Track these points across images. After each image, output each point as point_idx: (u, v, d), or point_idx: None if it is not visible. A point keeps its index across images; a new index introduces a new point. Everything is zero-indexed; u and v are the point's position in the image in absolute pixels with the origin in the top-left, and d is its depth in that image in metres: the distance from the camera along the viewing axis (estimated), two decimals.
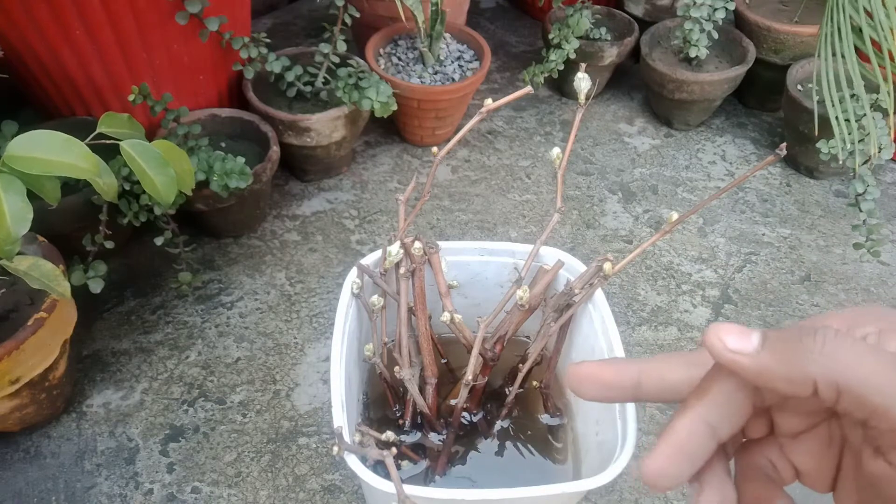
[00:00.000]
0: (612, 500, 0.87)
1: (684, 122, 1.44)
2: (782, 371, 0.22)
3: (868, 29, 0.94)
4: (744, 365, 0.22)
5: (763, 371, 0.22)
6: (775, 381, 0.22)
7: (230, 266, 1.12)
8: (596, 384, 0.27)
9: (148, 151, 0.74)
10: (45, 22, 0.93)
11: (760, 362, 0.22)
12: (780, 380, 0.22)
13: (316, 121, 1.12)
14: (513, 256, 0.76)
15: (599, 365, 0.27)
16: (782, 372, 0.22)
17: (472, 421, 0.77)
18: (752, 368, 0.22)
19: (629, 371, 0.26)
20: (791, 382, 0.21)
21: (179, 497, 0.85)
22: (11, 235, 0.63)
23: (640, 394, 0.26)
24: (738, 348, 0.22)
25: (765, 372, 0.22)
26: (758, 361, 0.22)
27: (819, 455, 0.25)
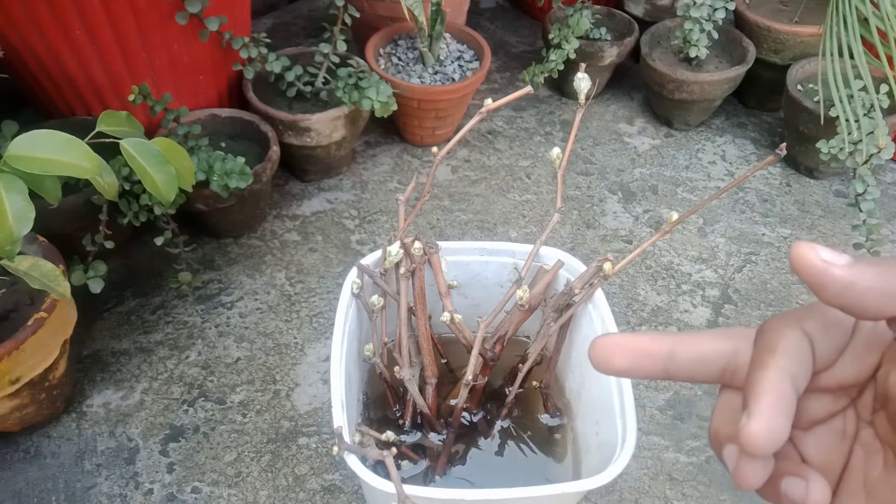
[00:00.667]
0: (612, 500, 0.87)
1: (684, 122, 1.44)
2: (875, 283, 0.21)
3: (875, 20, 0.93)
4: (836, 275, 0.21)
5: (856, 282, 0.21)
6: (867, 294, 0.21)
7: (230, 266, 1.12)
8: (628, 352, 0.25)
9: (148, 149, 0.74)
10: (45, 22, 0.93)
11: (854, 272, 0.21)
12: (872, 292, 0.21)
13: (316, 121, 1.12)
14: (513, 256, 0.77)
15: (630, 334, 0.26)
16: (875, 283, 0.21)
17: (472, 421, 0.77)
18: (844, 278, 0.21)
19: (663, 339, 0.25)
20: (883, 295, 0.21)
21: (179, 497, 0.85)
22: (13, 235, 0.63)
23: (671, 365, 0.25)
24: (832, 259, 0.21)
25: (858, 282, 0.21)
26: (851, 272, 0.21)
27: (830, 449, 0.25)
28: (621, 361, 0.25)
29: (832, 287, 0.21)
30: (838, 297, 0.21)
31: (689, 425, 0.96)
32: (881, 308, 0.21)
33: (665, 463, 0.92)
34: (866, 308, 0.21)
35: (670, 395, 0.99)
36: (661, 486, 0.89)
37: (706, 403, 0.98)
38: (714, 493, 0.89)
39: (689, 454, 0.93)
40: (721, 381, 0.25)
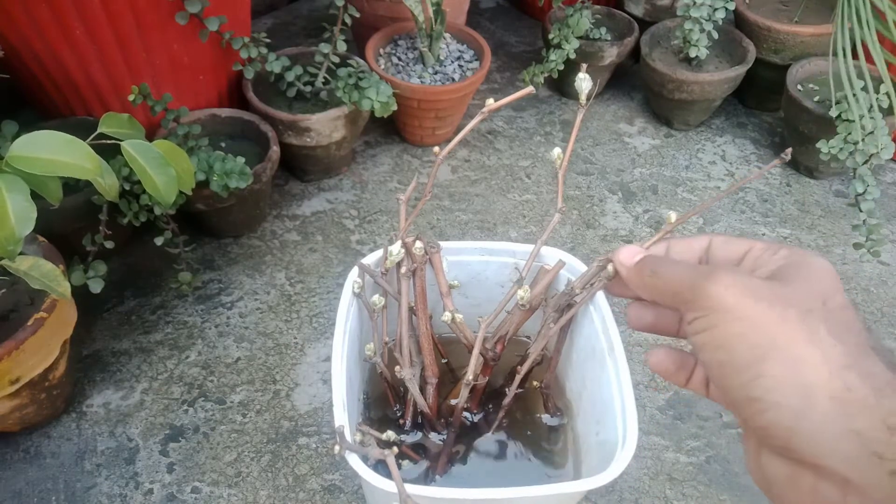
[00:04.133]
0: (612, 500, 0.87)
1: (684, 122, 1.44)
2: (634, 282, 0.37)
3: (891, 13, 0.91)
4: (620, 272, 0.38)
5: (628, 280, 0.37)
6: (632, 286, 0.37)
7: (230, 266, 1.12)
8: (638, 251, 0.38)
9: (149, 151, 0.74)
10: (45, 22, 0.93)
11: (627, 273, 0.37)
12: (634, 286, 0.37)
13: (316, 121, 1.13)
14: (513, 256, 0.77)
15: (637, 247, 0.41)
16: (633, 283, 0.37)
17: (473, 421, 0.77)
18: (623, 274, 0.38)
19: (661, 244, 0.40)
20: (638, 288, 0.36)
21: (179, 497, 0.85)
22: (15, 235, 0.63)
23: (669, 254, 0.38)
24: (621, 261, 0.38)
25: (628, 281, 0.37)
26: (626, 272, 0.37)
27: None
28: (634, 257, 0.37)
29: (620, 276, 0.39)
30: (626, 284, 0.38)
31: (689, 425, 0.96)
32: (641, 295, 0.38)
33: (665, 463, 0.92)
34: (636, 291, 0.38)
35: (670, 395, 0.99)
36: (661, 486, 0.89)
37: (706, 403, 0.98)
38: (714, 493, 0.89)
39: (689, 454, 0.93)
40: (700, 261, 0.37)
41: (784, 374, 0.26)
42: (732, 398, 0.29)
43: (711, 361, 0.29)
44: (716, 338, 0.28)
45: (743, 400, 0.28)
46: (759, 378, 0.27)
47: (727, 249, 0.34)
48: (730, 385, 0.28)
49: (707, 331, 0.28)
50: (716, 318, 0.28)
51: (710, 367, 0.29)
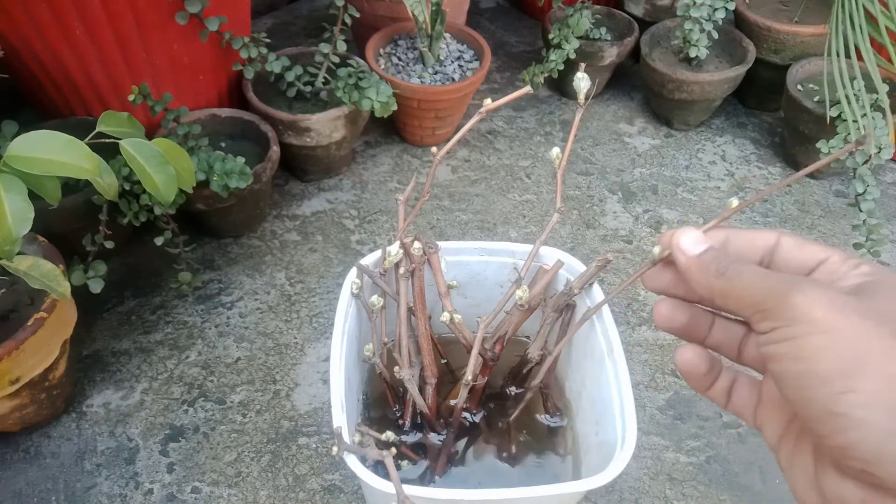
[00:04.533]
0: (612, 500, 0.87)
1: (684, 122, 1.44)
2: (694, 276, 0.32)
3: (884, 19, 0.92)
4: (678, 259, 0.32)
5: (686, 271, 0.32)
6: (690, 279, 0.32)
7: (230, 266, 1.12)
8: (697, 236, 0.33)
9: (148, 150, 0.74)
10: (45, 22, 0.93)
11: (689, 264, 0.32)
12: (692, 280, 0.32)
13: (316, 121, 1.13)
14: (512, 256, 0.77)
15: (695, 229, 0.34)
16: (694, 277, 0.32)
17: (473, 421, 0.77)
18: (681, 264, 0.32)
19: (719, 231, 0.34)
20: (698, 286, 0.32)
21: (179, 497, 0.85)
22: (12, 235, 0.63)
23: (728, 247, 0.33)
24: (685, 248, 0.32)
25: (686, 271, 0.32)
26: (686, 262, 0.32)
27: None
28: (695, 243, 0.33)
29: (677, 264, 0.33)
30: (682, 273, 0.32)
31: (689, 425, 0.96)
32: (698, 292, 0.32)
33: (665, 463, 0.92)
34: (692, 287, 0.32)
35: (670, 395, 0.99)
36: (661, 486, 0.89)
37: (706, 403, 0.98)
38: (714, 493, 0.89)
39: (689, 454, 0.93)
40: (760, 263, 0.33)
41: (876, 390, 0.25)
42: (809, 413, 0.27)
43: (788, 373, 0.27)
44: (798, 349, 0.26)
45: (823, 415, 0.26)
46: (847, 393, 0.25)
47: (799, 255, 0.32)
48: (809, 398, 0.26)
49: (788, 341, 0.27)
50: (799, 329, 0.26)
51: (786, 378, 0.27)
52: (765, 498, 0.89)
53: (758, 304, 0.28)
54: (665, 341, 1.06)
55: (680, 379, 1.01)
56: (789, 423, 0.31)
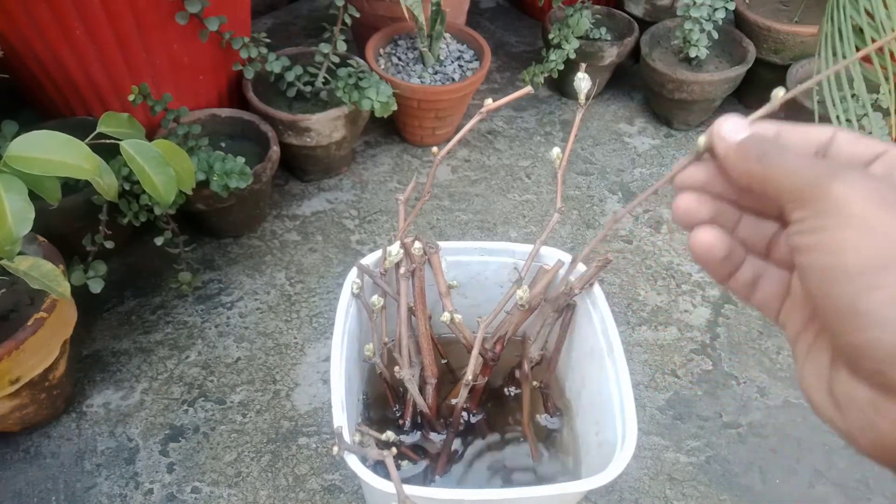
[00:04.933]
0: (612, 500, 0.87)
1: (684, 122, 1.44)
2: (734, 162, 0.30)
3: (869, 30, 0.94)
4: (718, 147, 0.31)
5: (725, 157, 0.30)
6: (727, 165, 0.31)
7: (230, 266, 1.12)
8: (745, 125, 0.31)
9: (148, 151, 0.74)
10: (45, 22, 0.93)
11: (728, 149, 0.30)
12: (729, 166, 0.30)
13: (316, 121, 1.13)
14: (513, 256, 0.77)
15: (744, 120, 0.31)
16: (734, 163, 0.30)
17: (472, 421, 0.77)
18: (720, 150, 0.31)
19: (770, 124, 0.32)
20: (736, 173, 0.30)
21: (179, 497, 0.85)
22: (13, 235, 0.63)
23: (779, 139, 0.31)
24: (726, 135, 0.30)
25: (726, 158, 0.30)
26: (726, 148, 0.30)
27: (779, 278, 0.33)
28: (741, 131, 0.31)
29: (716, 153, 0.31)
30: (720, 161, 0.31)
31: (689, 425, 0.96)
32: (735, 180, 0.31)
33: (665, 463, 0.92)
34: (729, 175, 0.31)
35: (670, 395, 0.99)
36: (661, 486, 0.89)
37: (706, 403, 0.98)
38: (714, 493, 0.89)
39: (689, 454, 0.93)
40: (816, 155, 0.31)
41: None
42: (831, 307, 0.26)
43: (814, 265, 0.26)
44: (829, 241, 0.26)
45: (844, 311, 0.25)
46: (872, 290, 0.25)
47: (856, 149, 0.30)
48: (833, 293, 0.26)
49: (819, 232, 0.26)
50: (834, 220, 0.25)
51: (812, 271, 0.26)
52: (765, 498, 0.89)
53: (796, 190, 0.27)
54: (665, 341, 1.06)
55: (680, 379, 1.01)
56: (811, 319, 0.31)
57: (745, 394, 1.00)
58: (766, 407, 0.99)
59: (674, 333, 1.07)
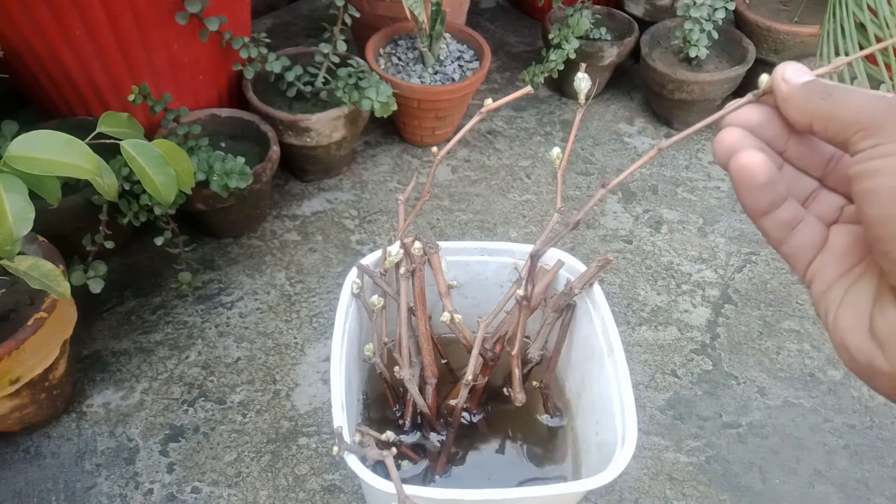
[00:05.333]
0: (612, 500, 0.87)
1: (684, 122, 1.44)
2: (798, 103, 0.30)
3: (872, 26, 0.93)
4: (780, 88, 0.30)
5: (788, 98, 0.30)
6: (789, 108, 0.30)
7: (230, 266, 1.12)
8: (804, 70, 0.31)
9: (148, 151, 0.74)
10: (45, 22, 0.93)
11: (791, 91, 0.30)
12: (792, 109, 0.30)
13: (316, 121, 1.13)
14: (513, 256, 0.77)
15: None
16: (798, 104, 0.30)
17: (473, 421, 0.77)
18: (782, 92, 0.30)
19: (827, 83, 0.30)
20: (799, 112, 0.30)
21: (179, 497, 0.85)
22: (13, 235, 0.63)
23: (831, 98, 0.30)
24: (788, 77, 0.30)
25: (789, 99, 0.30)
26: (789, 89, 0.30)
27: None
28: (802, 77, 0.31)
29: (777, 95, 0.31)
30: (780, 103, 0.31)
31: (689, 425, 0.96)
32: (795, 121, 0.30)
33: (665, 463, 0.92)
34: (788, 117, 0.30)
35: (670, 395, 0.99)
36: (661, 486, 0.89)
37: (706, 403, 0.98)
38: (714, 493, 0.89)
39: (689, 454, 0.93)
40: None
41: None
42: (892, 232, 0.26)
43: (882, 188, 0.26)
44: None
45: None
46: None
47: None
48: (893, 218, 0.26)
49: (890, 157, 0.26)
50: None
51: (878, 194, 0.26)
52: (765, 498, 0.89)
53: (864, 121, 0.27)
54: (665, 341, 1.06)
55: (680, 379, 1.01)
56: (847, 272, 0.30)
57: (745, 394, 1.00)
58: (766, 407, 0.99)
59: (674, 333, 1.07)
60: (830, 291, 0.30)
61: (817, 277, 0.31)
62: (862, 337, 0.28)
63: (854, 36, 0.96)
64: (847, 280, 0.30)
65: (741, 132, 0.31)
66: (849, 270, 0.30)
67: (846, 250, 0.31)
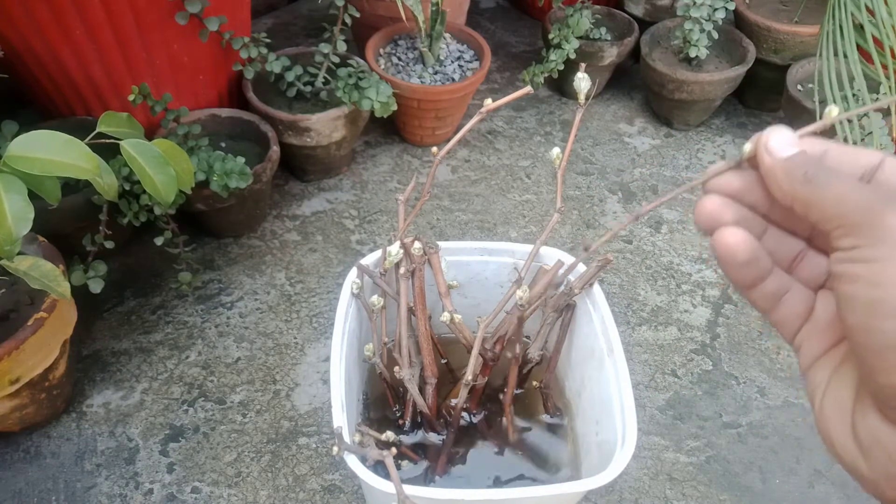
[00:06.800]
0: (612, 500, 0.87)
1: (684, 122, 1.44)
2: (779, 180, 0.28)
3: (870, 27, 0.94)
4: (763, 160, 0.29)
5: (769, 173, 0.29)
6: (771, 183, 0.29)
7: (230, 266, 1.12)
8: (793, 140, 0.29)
9: (148, 150, 0.74)
10: (45, 22, 0.93)
11: (774, 164, 0.28)
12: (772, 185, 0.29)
13: (316, 121, 1.13)
14: (513, 256, 0.77)
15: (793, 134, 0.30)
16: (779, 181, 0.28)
17: (472, 421, 0.77)
18: (765, 165, 0.29)
19: (817, 142, 0.30)
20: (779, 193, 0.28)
21: (179, 497, 0.85)
22: (13, 235, 0.63)
23: (825, 160, 0.29)
24: (772, 149, 0.29)
25: (769, 173, 0.29)
26: (773, 162, 0.28)
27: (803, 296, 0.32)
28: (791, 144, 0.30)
29: (760, 165, 0.29)
30: (763, 174, 0.29)
31: (689, 425, 0.96)
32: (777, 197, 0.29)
33: (665, 463, 0.92)
34: (771, 191, 0.29)
35: (670, 395, 0.99)
36: (661, 486, 0.89)
37: (706, 403, 0.98)
38: (714, 493, 0.89)
39: (689, 454, 0.93)
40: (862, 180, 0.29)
41: None
42: (870, 344, 0.25)
43: (859, 297, 0.25)
44: (878, 274, 0.24)
45: (884, 350, 0.24)
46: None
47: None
48: (874, 328, 0.24)
49: (868, 263, 0.25)
50: (884, 251, 0.24)
51: (854, 303, 0.25)
52: (765, 498, 0.89)
53: (844, 216, 0.26)
54: (665, 341, 1.06)
55: (680, 379, 1.01)
56: (832, 348, 0.30)
57: (745, 394, 1.00)
58: (766, 407, 0.99)
59: (674, 333, 1.07)
60: (816, 372, 0.30)
61: (803, 347, 0.31)
62: (846, 436, 0.27)
63: (852, 36, 0.96)
64: (831, 361, 0.29)
65: (721, 200, 0.31)
66: (833, 346, 0.30)
67: (830, 323, 0.30)
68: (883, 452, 0.25)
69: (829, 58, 0.99)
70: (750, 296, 0.31)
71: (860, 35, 0.96)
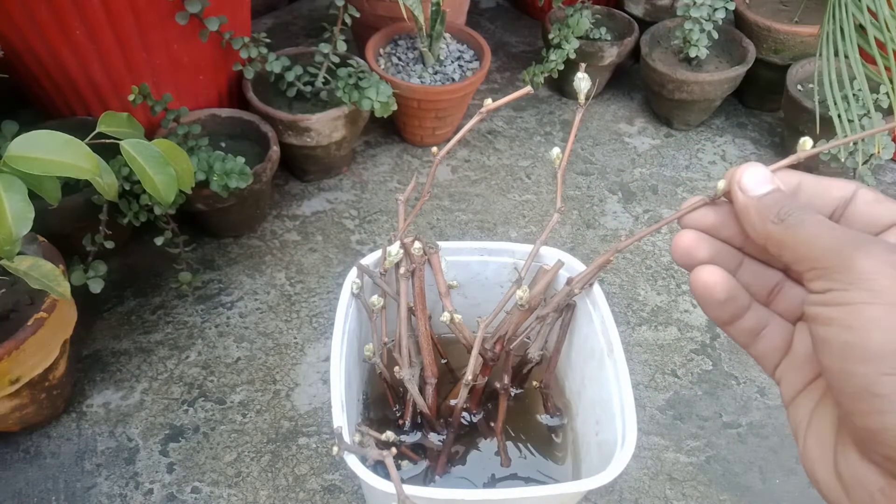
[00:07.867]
0: (612, 500, 0.87)
1: (684, 122, 1.44)
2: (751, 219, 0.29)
3: (872, 28, 0.93)
4: (736, 198, 0.29)
5: (742, 211, 0.29)
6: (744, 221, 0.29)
7: (230, 266, 1.12)
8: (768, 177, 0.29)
9: (148, 150, 0.74)
10: (45, 22, 0.93)
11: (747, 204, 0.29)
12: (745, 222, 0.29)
13: (316, 121, 1.13)
14: (513, 256, 0.77)
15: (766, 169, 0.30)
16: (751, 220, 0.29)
17: (472, 421, 0.77)
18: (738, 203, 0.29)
19: (791, 174, 0.30)
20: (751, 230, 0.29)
21: (179, 497, 0.85)
22: (13, 235, 0.63)
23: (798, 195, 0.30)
24: (746, 187, 0.29)
25: (742, 212, 0.29)
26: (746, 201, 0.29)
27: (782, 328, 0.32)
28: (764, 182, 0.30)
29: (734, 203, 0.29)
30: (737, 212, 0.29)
31: (689, 425, 0.96)
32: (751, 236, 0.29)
33: (665, 463, 0.92)
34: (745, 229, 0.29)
35: (670, 395, 0.99)
36: (661, 486, 0.89)
37: (706, 403, 0.98)
38: (714, 493, 0.89)
39: (689, 454, 0.93)
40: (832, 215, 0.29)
41: None
42: (845, 387, 0.24)
43: (834, 341, 0.25)
44: (851, 317, 0.24)
45: (860, 392, 0.24)
46: (893, 375, 0.23)
47: (876, 210, 0.28)
48: (850, 372, 0.24)
49: (841, 307, 0.24)
50: (857, 295, 0.24)
51: (829, 346, 0.25)
52: (765, 498, 0.89)
53: (816, 259, 0.25)
54: (665, 341, 1.06)
55: (680, 379, 1.01)
56: (812, 382, 0.29)
57: (745, 394, 1.00)
58: (766, 407, 0.99)
59: (674, 333, 1.07)
60: (798, 407, 0.29)
61: (784, 381, 0.31)
62: (829, 474, 0.27)
63: (853, 37, 0.96)
64: (812, 396, 0.29)
65: (696, 235, 0.31)
66: (813, 381, 0.29)
67: (809, 357, 0.30)
68: (864, 492, 0.25)
69: (829, 58, 0.99)
70: (729, 331, 0.31)
71: (861, 36, 0.96)
